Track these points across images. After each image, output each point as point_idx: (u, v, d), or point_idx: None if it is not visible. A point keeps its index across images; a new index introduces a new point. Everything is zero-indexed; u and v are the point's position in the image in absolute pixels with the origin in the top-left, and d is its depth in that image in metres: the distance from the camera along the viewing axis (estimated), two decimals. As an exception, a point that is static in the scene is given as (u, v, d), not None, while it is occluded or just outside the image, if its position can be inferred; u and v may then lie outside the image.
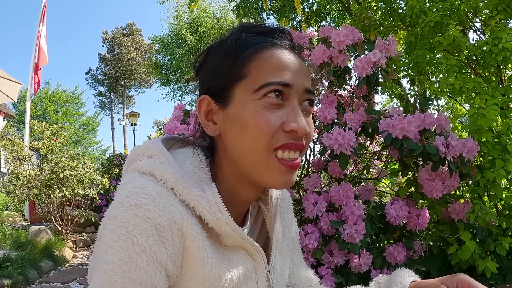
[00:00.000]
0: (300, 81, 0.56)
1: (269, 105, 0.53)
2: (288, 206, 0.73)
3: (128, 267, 0.45)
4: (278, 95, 0.53)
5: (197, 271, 0.50)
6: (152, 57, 17.83)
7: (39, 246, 4.94)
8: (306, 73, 0.58)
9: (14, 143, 6.62)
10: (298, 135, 0.53)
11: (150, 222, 0.46)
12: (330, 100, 1.69)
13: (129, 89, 30.36)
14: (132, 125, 14.75)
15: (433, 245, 1.58)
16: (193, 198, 0.51)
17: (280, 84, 0.53)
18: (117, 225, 0.46)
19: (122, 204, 0.47)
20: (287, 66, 0.55)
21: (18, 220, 7.39)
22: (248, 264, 0.57)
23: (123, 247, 0.45)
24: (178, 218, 0.49)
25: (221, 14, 15.10)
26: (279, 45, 0.57)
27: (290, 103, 0.54)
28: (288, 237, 0.71)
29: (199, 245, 0.50)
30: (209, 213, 0.51)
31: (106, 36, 29.67)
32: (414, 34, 1.79)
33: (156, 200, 0.48)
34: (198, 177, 0.55)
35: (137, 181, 0.50)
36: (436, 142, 1.32)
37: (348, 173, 1.89)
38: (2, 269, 3.87)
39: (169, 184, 0.51)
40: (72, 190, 5.41)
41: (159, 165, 0.52)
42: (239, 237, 0.54)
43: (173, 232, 0.48)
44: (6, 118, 12.65)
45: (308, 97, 0.57)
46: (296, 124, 0.52)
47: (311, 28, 4.46)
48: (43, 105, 24.13)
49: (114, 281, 0.45)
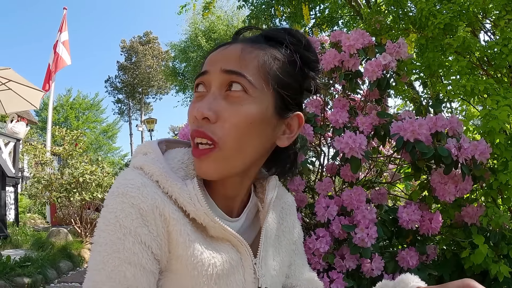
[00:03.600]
0: (218, 65, 0.57)
1: (194, 99, 0.59)
2: (291, 209, 0.75)
3: (117, 247, 0.50)
4: (203, 87, 0.58)
5: (181, 254, 0.53)
6: (168, 64, 18.17)
7: (59, 247, 5.08)
8: (229, 56, 0.57)
9: (36, 148, 6.87)
10: (197, 120, 0.55)
11: (135, 207, 0.51)
12: (342, 104, 1.69)
13: (146, 96, 30.97)
14: (149, 131, 15.02)
15: (446, 249, 1.55)
16: (175, 190, 0.54)
17: (199, 75, 0.59)
18: (108, 211, 0.52)
19: (113, 193, 0.53)
20: (211, 57, 0.60)
21: (40, 222, 7.63)
22: (233, 255, 0.58)
23: (113, 230, 0.50)
24: (160, 204, 0.53)
25: (236, 22, 15.28)
26: (223, 45, 0.60)
27: (210, 92, 0.57)
28: (290, 238, 0.73)
29: (181, 229, 0.53)
30: (189, 204, 0.54)
31: (124, 45, 30.42)
32: (425, 36, 1.78)
33: (141, 189, 0.52)
34: (185, 172, 0.59)
35: (128, 174, 0.55)
36: (448, 144, 1.31)
37: (362, 177, 1.88)
38: (23, 268, 4.00)
39: (155, 177, 0.55)
40: (91, 193, 5.55)
41: (149, 161, 0.57)
42: (219, 228, 0.56)
43: (155, 217, 0.52)
44: (29, 124, 13.10)
45: (228, 78, 0.56)
46: (191, 110, 0.57)
47: (323, 33, 4.47)
48: (64, 112, 24.86)
49: (107, 260, 0.49)
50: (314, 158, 1.85)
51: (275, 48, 0.59)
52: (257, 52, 0.57)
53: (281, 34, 0.61)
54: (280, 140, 0.62)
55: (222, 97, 0.56)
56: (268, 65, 0.57)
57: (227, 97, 0.55)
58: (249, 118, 0.55)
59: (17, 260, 4.12)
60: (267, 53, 0.58)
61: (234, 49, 0.58)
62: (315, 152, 1.83)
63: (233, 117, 0.54)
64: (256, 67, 0.56)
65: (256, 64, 0.56)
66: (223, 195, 0.61)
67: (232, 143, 0.54)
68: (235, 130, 0.54)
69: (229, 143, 0.54)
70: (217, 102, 0.55)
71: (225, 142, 0.54)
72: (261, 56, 0.57)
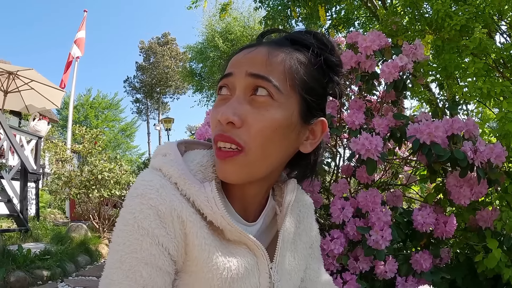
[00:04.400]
0: (243, 68, 0.56)
1: (217, 102, 0.58)
2: (309, 211, 0.74)
3: (135, 248, 0.51)
4: (226, 89, 0.57)
5: (196, 257, 0.54)
6: (186, 65, 18.36)
7: (77, 242, 5.21)
8: (255, 59, 0.56)
9: (57, 146, 7.07)
10: (222, 125, 0.55)
11: (153, 209, 0.51)
12: (359, 105, 1.69)
13: (164, 95, 31.39)
14: (166, 130, 15.24)
15: (460, 252, 1.53)
16: (193, 193, 0.55)
17: (223, 77, 0.58)
18: (127, 211, 0.52)
19: (132, 194, 0.53)
20: (235, 59, 0.59)
21: (59, 217, 7.85)
22: (249, 258, 0.58)
23: (131, 230, 0.51)
24: (178, 206, 0.53)
25: (252, 23, 15.32)
26: (247, 47, 0.59)
27: (235, 96, 0.56)
28: (306, 241, 0.72)
29: (197, 232, 0.53)
30: (206, 207, 0.54)
31: (142, 46, 30.93)
32: (441, 38, 1.75)
33: (159, 191, 0.53)
34: (203, 175, 0.59)
35: (147, 176, 0.55)
36: (464, 147, 1.29)
37: (377, 179, 1.87)
38: (42, 261, 4.12)
39: (173, 179, 0.55)
40: (109, 190, 5.68)
41: (168, 162, 0.57)
42: (235, 231, 0.56)
43: (173, 219, 0.52)
44: (51, 122, 13.46)
45: (254, 83, 0.55)
46: (215, 114, 0.56)
47: (340, 35, 4.44)
48: (84, 111, 25.43)
49: (124, 260, 0.50)
50: (330, 159, 1.85)
51: (300, 52, 0.58)
52: (283, 56, 0.56)
53: (307, 38, 0.60)
54: (304, 146, 0.61)
55: (247, 101, 0.55)
56: (294, 70, 0.56)
57: (252, 102, 0.55)
58: (274, 124, 0.54)
59: (37, 253, 4.25)
60: (293, 57, 0.57)
61: (260, 52, 0.56)
62: (331, 153, 1.83)
63: (258, 123, 0.53)
64: (282, 71, 0.55)
65: (282, 68, 0.55)
66: (241, 198, 0.61)
67: (257, 148, 0.54)
68: (261, 136, 0.54)
69: (254, 148, 0.54)
70: (242, 107, 0.54)
71: (250, 147, 0.54)
72: (287, 61, 0.56)
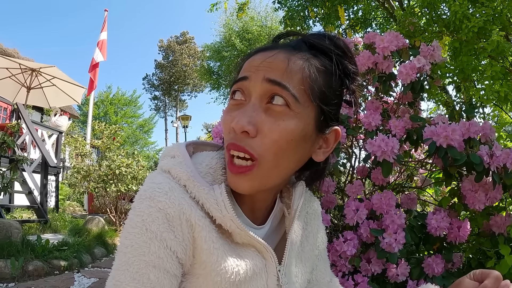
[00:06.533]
0: (261, 72, 0.54)
1: (230, 106, 0.57)
2: (316, 214, 0.74)
3: (143, 250, 0.50)
4: (241, 94, 0.56)
5: (205, 261, 0.53)
6: (204, 64, 18.51)
7: (94, 234, 5.35)
8: (274, 65, 0.54)
9: (77, 141, 7.27)
10: (235, 133, 0.53)
11: (162, 212, 0.51)
12: (375, 106, 1.68)
13: (182, 93, 31.81)
14: (184, 127, 15.40)
15: (472, 258, 1.50)
16: (202, 196, 0.54)
17: (238, 80, 0.56)
18: (135, 214, 0.52)
19: (140, 196, 0.53)
20: (251, 62, 0.56)
21: (78, 210, 8.07)
22: (257, 261, 0.58)
23: (139, 233, 0.50)
24: (187, 209, 0.52)
25: (269, 22, 15.33)
26: (264, 49, 0.58)
27: (250, 102, 0.54)
28: (313, 243, 0.71)
29: (206, 236, 0.53)
30: (215, 210, 0.54)
31: (161, 44, 31.42)
32: (459, 40, 1.71)
33: (168, 194, 0.52)
34: (212, 177, 0.58)
35: (156, 178, 0.55)
36: (480, 151, 1.27)
37: (392, 181, 1.85)
38: (60, 252, 4.25)
39: (182, 181, 0.55)
40: (126, 185, 5.80)
41: (177, 164, 0.57)
42: (245, 234, 0.55)
43: (182, 222, 0.52)
44: (71, 118, 13.83)
45: (271, 90, 0.53)
46: (229, 120, 0.54)
47: (357, 35, 4.41)
48: (104, 107, 26.01)
49: (132, 262, 0.50)
50: (345, 160, 1.84)
51: (318, 59, 0.56)
52: (302, 63, 0.54)
53: (326, 44, 0.58)
54: (316, 154, 0.60)
55: (263, 109, 0.53)
56: (313, 79, 0.54)
57: (267, 110, 0.53)
58: (290, 134, 0.53)
59: (55, 244, 4.39)
60: (312, 65, 0.55)
61: (279, 57, 0.54)
62: (347, 154, 1.82)
63: (273, 133, 0.52)
64: (300, 80, 0.53)
65: (301, 77, 0.54)
66: (250, 202, 0.60)
67: (270, 159, 0.53)
68: (275, 147, 0.53)
69: (267, 159, 0.53)
70: (257, 115, 0.53)
71: (264, 159, 0.53)
72: (306, 69, 0.54)
